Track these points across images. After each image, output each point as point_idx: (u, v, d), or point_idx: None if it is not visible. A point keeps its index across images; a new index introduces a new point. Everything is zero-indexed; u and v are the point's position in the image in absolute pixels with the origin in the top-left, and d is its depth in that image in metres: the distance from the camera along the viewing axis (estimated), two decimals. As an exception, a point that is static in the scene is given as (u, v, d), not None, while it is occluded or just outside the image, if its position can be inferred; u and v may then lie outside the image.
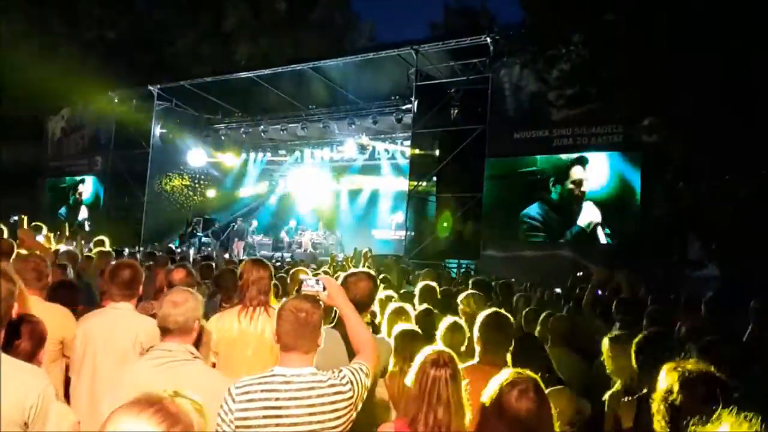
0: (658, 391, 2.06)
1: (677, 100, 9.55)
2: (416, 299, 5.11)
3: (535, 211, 12.70)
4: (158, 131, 19.21)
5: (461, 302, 4.74)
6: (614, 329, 4.39)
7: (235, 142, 20.45)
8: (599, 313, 5.65)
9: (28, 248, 5.54)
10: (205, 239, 19.25)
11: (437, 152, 15.20)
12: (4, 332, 2.20)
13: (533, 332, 4.28)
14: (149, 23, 25.27)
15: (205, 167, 20.68)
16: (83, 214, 20.41)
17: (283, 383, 2.20)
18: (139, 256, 9.61)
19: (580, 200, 12.17)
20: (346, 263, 9.62)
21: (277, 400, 2.15)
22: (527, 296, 6.55)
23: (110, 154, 19.71)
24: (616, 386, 3.15)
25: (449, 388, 2.17)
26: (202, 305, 2.62)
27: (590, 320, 5.33)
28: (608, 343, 3.30)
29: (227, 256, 13.83)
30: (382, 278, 6.40)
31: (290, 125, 18.02)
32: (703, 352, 2.73)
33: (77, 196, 20.77)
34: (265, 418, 2.13)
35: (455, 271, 12.90)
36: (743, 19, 8.58)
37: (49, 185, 21.71)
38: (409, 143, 15.52)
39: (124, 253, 9.64)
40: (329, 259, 11.26)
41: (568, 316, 4.76)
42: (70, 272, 5.08)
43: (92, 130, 20.73)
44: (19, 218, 7.86)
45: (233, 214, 21.55)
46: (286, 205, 22.42)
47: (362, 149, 18.43)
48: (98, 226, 19.09)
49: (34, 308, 3.11)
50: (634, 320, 4.61)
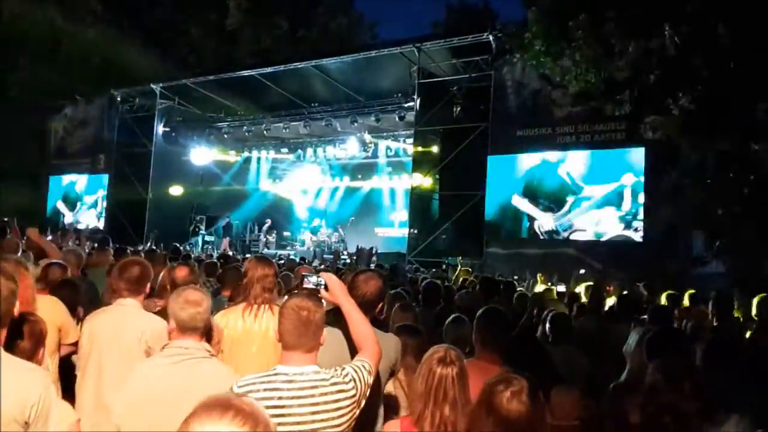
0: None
1: (680, 96, 9.53)
2: None
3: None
4: (161, 129, 19.23)
5: None
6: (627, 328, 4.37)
7: (237, 140, 20.46)
8: (604, 311, 5.64)
9: (36, 247, 5.56)
10: (207, 237, 19.31)
11: (440, 150, 15.19)
12: (5, 331, 2.21)
13: (535, 329, 4.28)
14: (152, 22, 25.26)
15: (207, 165, 20.69)
16: (85, 212, 20.44)
17: (285, 382, 2.18)
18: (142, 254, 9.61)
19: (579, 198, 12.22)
20: (351, 261, 9.63)
21: (280, 399, 2.13)
22: (525, 294, 6.54)
23: (113, 152, 19.73)
24: (621, 378, 3.13)
25: (456, 386, 2.15)
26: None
27: (594, 318, 5.32)
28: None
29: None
30: None
31: (293, 123, 18.02)
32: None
33: (80, 194, 20.80)
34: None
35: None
36: (743, 17, 8.56)
37: (51, 183, 21.74)
38: (411, 141, 15.52)
39: (127, 251, 9.62)
40: (333, 256, 11.28)
41: (571, 313, 4.76)
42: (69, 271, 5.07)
43: (95, 128, 20.76)
44: (9, 220, 7.81)
45: (235, 211, 21.60)
46: (288, 203, 22.44)
47: (365, 147, 18.42)
48: (101, 224, 19.17)
49: (48, 307, 3.15)
50: (640, 318, 4.61)
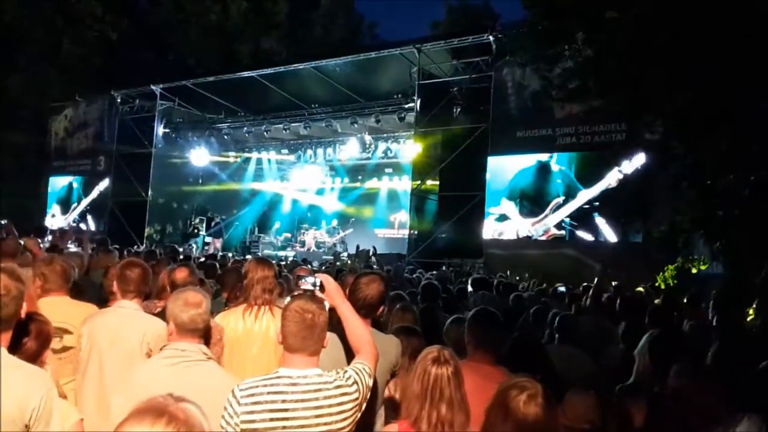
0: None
1: (680, 96, 9.50)
2: None
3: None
4: (161, 131, 19.23)
5: None
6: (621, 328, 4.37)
7: (237, 141, 20.47)
8: (604, 311, 5.64)
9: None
10: (207, 238, 19.31)
11: (440, 151, 15.19)
12: (12, 332, 2.21)
13: (539, 331, 4.28)
14: (152, 23, 25.28)
15: (207, 166, 20.69)
16: (86, 213, 20.44)
17: (289, 385, 2.17)
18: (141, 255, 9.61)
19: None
20: (351, 262, 9.63)
21: (283, 402, 2.13)
22: (521, 295, 6.54)
23: (113, 153, 19.73)
24: (629, 382, 3.12)
25: (451, 385, 2.15)
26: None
27: (596, 318, 5.32)
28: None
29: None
30: None
31: (293, 124, 18.02)
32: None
33: (80, 195, 20.80)
34: (272, 420, 2.11)
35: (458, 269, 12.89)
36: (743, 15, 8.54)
37: (52, 184, 21.75)
38: (411, 142, 15.51)
39: (126, 252, 9.63)
40: (333, 257, 11.28)
41: (574, 314, 4.76)
42: (75, 273, 5.07)
43: (95, 129, 20.75)
44: (6, 223, 7.79)
45: (236, 213, 21.60)
46: (287, 204, 22.43)
47: (365, 148, 18.42)
48: (101, 225, 19.17)
49: (60, 308, 3.15)
50: (639, 318, 4.60)
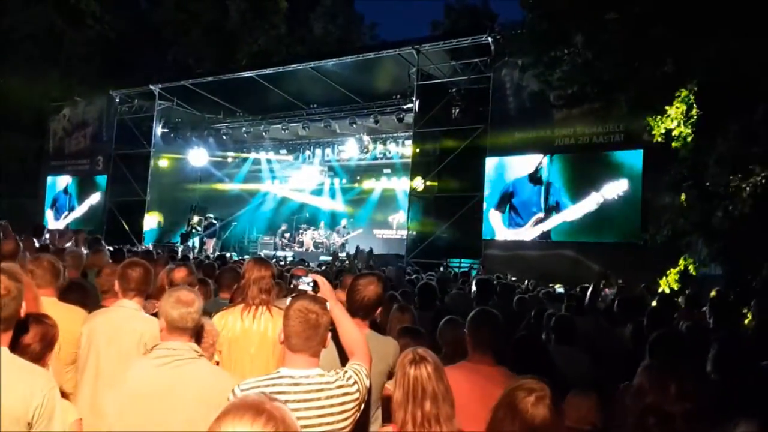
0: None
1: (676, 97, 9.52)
2: None
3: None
4: (160, 130, 19.22)
5: None
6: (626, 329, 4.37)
7: (236, 141, 20.45)
8: (602, 311, 5.64)
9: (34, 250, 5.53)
10: (206, 239, 19.27)
11: (438, 151, 15.20)
12: (12, 331, 2.21)
13: (538, 331, 4.28)
14: (151, 22, 25.28)
15: (206, 166, 20.68)
16: (85, 213, 20.42)
17: (291, 385, 2.17)
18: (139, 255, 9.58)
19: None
20: (350, 263, 9.62)
21: (286, 402, 2.11)
22: (524, 296, 6.54)
23: (112, 153, 19.72)
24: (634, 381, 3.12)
25: (432, 380, 2.14)
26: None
27: (594, 319, 5.32)
28: None
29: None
30: None
31: (292, 124, 18.01)
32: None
33: (79, 195, 20.77)
34: None
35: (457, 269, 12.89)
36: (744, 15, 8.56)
37: (50, 184, 21.72)
38: (410, 142, 15.51)
39: (125, 252, 9.61)
40: (331, 257, 11.28)
41: (572, 315, 4.76)
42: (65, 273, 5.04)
43: (94, 129, 20.74)
44: (4, 224, 7.77)
45: (234, 213, 21.57)
46: (286, 204, 22.41)
47: (363, 148, 18.42)
48: (99, 225, 19.15)
49: (49, 309, 3.11)
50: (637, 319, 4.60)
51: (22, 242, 5.83)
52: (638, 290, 8.08)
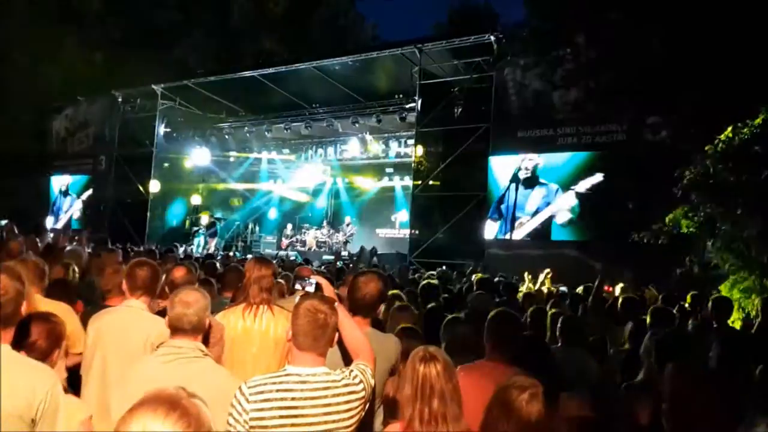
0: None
1: (681, 98, 9.52)
2: None
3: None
4: (162, 130, 19.23)
5: None
6: (627, 328, 4.36)
7: (238, 141, 20.46)
8: (606, 311, 5.62)
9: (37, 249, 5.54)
10: (208, 238, 19.29)
11: (441, 151, 15.17)
12: (17, 330, 2.21)
13: (540, 332, 4.25)
14: (153, 22, 25.30)
15: (208, 166, 20.69)
16: (87, 213, 20.45)
17: (298, 383, 2.19)
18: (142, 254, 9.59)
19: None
20: (352, 262, 9.61)
21: (293, 399, 2.14)
22: (530, 296, 6.53)
23: (114, 153, 19.74)
24: (637, 380, 3.11)
25: (441, 378, 2.14)
26: (209, 303, 2.64)
27: (598, 319, 5.30)
28: None
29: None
30: None
31: (294, 124, 18.02)
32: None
33: (81, 195, 20.80)
34: (281, 418, 2.12)
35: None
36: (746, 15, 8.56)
37: (53, 184, 21.76)
38: (412, 142, 15.50)
39: (129, 252, 9.63)
40: (334, 257, 11.28)
41: (576, 315, 4.74)
42: (73, 271, 5.06)
43: (96, 129, 20.77)
44: (7, 224, 7.78)
45: (237, 213, 21.59)
46: (288, 203, 22.42)
47: (366, 148, 18.42)
48: (102, 224, 19.16)
49: (38, 306, 3.12)
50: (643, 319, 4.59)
51: (25, 242, 5.85)
52: (641, 290, 8.06)
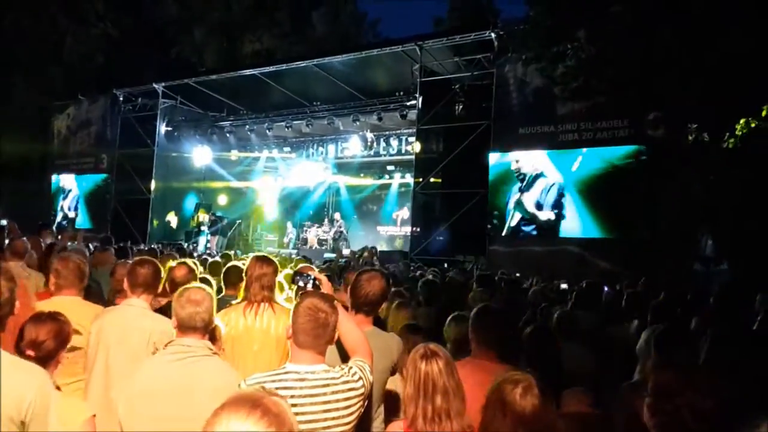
0: None
1: (684, 93, 9.47)
2: None
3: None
4: (163, 129, 19.25)
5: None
6: (630, 326, 4.36)
7: (240, 139, 20.46)
8: (608, 307, 5.62)
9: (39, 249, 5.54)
10: (210, 237, 19.32)
11: (442, 148, 15.15)
12: (23, 328, 2.21)
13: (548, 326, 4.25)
14: (155, 21, 25.30)
15: (210, 165, 20.71)
16: (90, 212, 20.48)
17: (297, 380, 2.20)
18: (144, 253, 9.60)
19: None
20: (354, 260, 9.61)
21: (292, 397, 2.14)
22: (538, 291, 6.53)
23: (116, 151, 19.77)
24: (635, 378, 3.11)
25: (443, 375, 2.15)
26: (215, 302, 2.66)
27: (598, 315, 5.30)
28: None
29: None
30: None
31: (295, 122, 18.01)
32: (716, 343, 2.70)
33: (83, 194, 20.84)
34: None
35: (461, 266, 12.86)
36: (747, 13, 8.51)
37: (55, 183, 21.80)
38: (413, 139, 15.49)
39: (131, 250, 9.63)
40: (335, 255, 11.28)
41: (575, 311, 4.74)
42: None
43: (98, 128, 20.79)
44: (9, 223, 7.79)
45: (238, 210, 21.61)
46: (291, 202, 22.45)
47: (367, 145, 18.41)
48: (104, 223, 19.20)
49: (73, 308, 3.14)
50: (643, 315, 4.59)
51: (28, 241, 5.85)
52: (642, 286, 8.04)
